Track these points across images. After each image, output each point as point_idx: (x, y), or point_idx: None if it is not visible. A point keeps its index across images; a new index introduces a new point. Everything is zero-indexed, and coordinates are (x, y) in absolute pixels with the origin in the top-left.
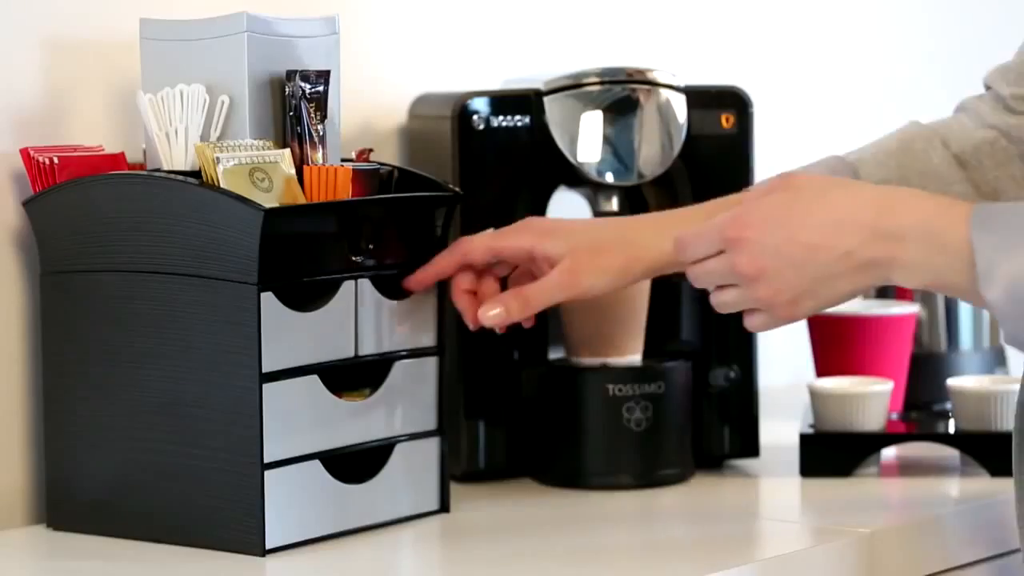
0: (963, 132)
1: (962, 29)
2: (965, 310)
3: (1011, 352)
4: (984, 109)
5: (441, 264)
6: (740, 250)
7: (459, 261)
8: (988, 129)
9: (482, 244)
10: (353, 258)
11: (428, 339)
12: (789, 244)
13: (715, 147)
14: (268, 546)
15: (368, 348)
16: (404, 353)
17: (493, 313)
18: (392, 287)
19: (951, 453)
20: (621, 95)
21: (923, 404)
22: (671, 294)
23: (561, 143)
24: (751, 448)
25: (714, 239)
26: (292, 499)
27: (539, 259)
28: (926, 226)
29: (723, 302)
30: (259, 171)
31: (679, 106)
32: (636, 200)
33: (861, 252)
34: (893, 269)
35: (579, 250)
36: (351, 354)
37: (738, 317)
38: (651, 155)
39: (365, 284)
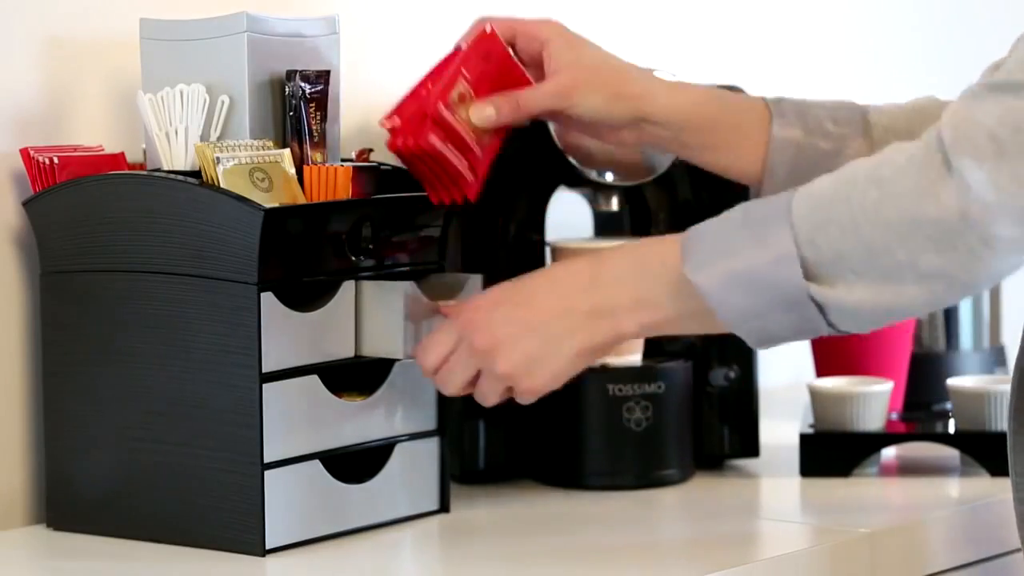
0: None
1: (962, 29)
2: (965, 310)
3: (1011, 352)
4: None
5: (465, 36)
6: (473, 330)
7: (480, 26)
8: None
9: (504, 20)
10: (353, 258)
11: None
12: (516, 311)
13: None
14: (268, 546)
15: None
16: None
17: (486, 113)
18: None
19: (951, 453)
20: None
21: (923, 404)
22: None
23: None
24: (751, 448)
25: (449, 330)
26: (292, 499)
27: (546, 57)
28: (637, 261)
29: (480, 393)
30: (259, 171)
31: None
32: (636, 200)
33: (581, 304)
34: (617, 314)
35: (580, 64)
36: (351, 354)
37: None
38: (651, 155)
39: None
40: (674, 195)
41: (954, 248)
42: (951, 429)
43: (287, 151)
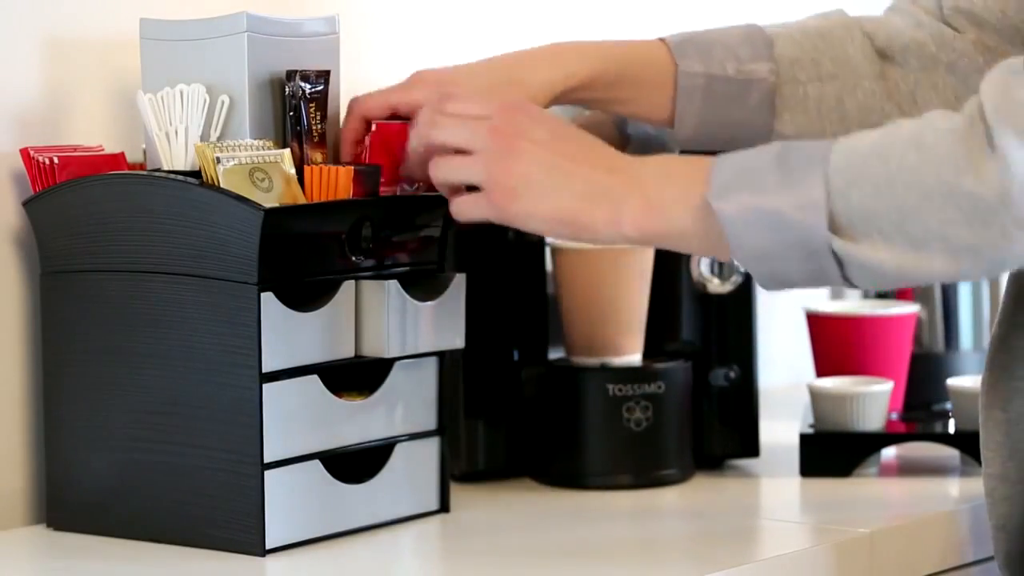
0: (893, 29)
1: None
2: (965, 310)
3: None
4: (918, 13)
5: (348, 132)
6: (506, 121)
7: (360, 120)
8: (919, 30)
9: (379, 100)
10: (353, 258)
11: None
12: (551, 141)
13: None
14: (268, 546)
15: None
16: None
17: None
18: None
19: (951, 453)
20: None
21: (923, 404)
22: (671, 294)
23: None
24: (751, 448)
25: (487, 104)
26: (292, 499)
27: None
28: (665, 169)
29: (453, 166)
30: (259, 171)
31: None
32: None
33: (603, 179)
34: (622, 208)
35: (457, 75)
36: (351, 354)
37: (738, 318)
38: (651, 154)
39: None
40: None
41: (987, 225)
42: (951, 429)
43: (287, 151)
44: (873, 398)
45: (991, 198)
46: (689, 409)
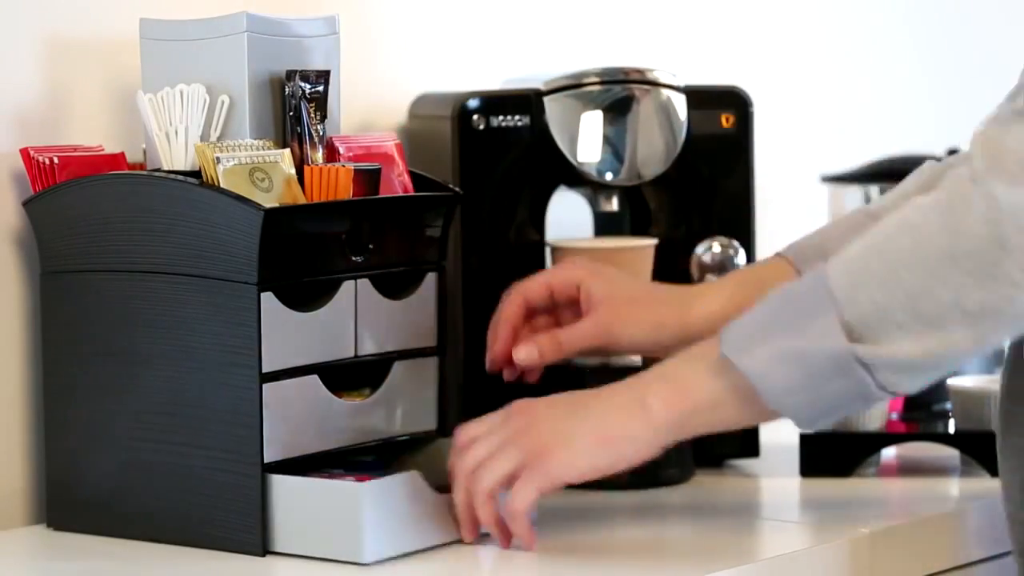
0: None
1: (962, 30)
2: None
3: None
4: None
5: (507, 314)
6: (517, 407)
7: (521, 304)
8: None
9: (538, 281)
10: (353, 258)
11: (428, 339)
12: (565, 397)
13: (715, 147)
14: (268, 547)
15: (368, 348)
16: (404, 353)
17: (526, 351)
18: (392, 287)
19: (951, 453)
20: (621, 95)
21: (923, 404)
22: None
23: (561, 143)
24: (751, 448)
25: (496, 413)
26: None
27: (583, 295)
28: (679, 356)
29: (488, 467)
30: (259, 171)
31: (679, 106)
32: (636, 200)
33: (622, 391)
34: (648, 402)
35: (615, 298)
36: (351, 354)
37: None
38: (651, 155)
39: (365, 284)
40: (674, 195)
41: (994, 279)
42: (951, 429)
43: (287, 151)
44: None
45: (990, 249)
46: None
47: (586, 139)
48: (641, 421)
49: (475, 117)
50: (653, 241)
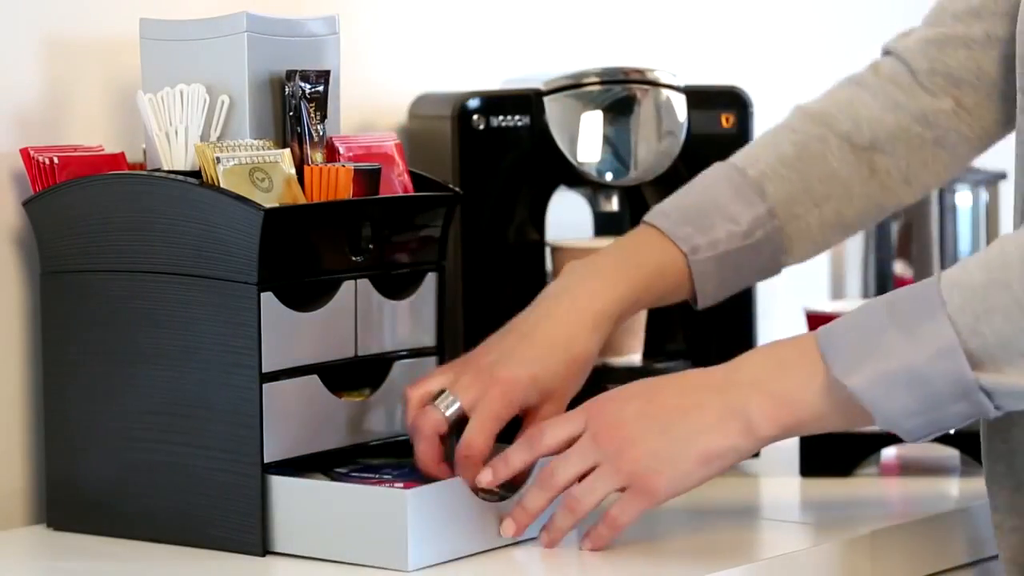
0: (871, 120)
1: None
2: None
3: None
4: (892, 91)
5: (425, 452)
6: (601, 420)
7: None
8: (899, 113)
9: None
10: (353, 258)
11: (428, 339)
12: (648, 406)
13: (715, 147)
14: (268, 547)
15: (368, 348)
16: (404, 353)
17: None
18: (392, 287)
19: (951, 453)
20: (621, 95)
21: None
22: None
23: (561, 143)
24: None
25: (575, 417)
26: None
27: (529, 408)
28: (776, 362)
29: (588, 487)
30: (259, 171)
31: (679, 106)
32: (636, 200)
33: (712, 403)
34: (751, 415)
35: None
36: (351, 354)
37: (738, 317)
38: (651, 155)
39: (365, 284)
40: None
41: None
42: (951, 429)
43: (287, 151)
44: None
45: None
46: None
47: (586, 139)
48: (744, 436)
49: (475, 117)
50: None
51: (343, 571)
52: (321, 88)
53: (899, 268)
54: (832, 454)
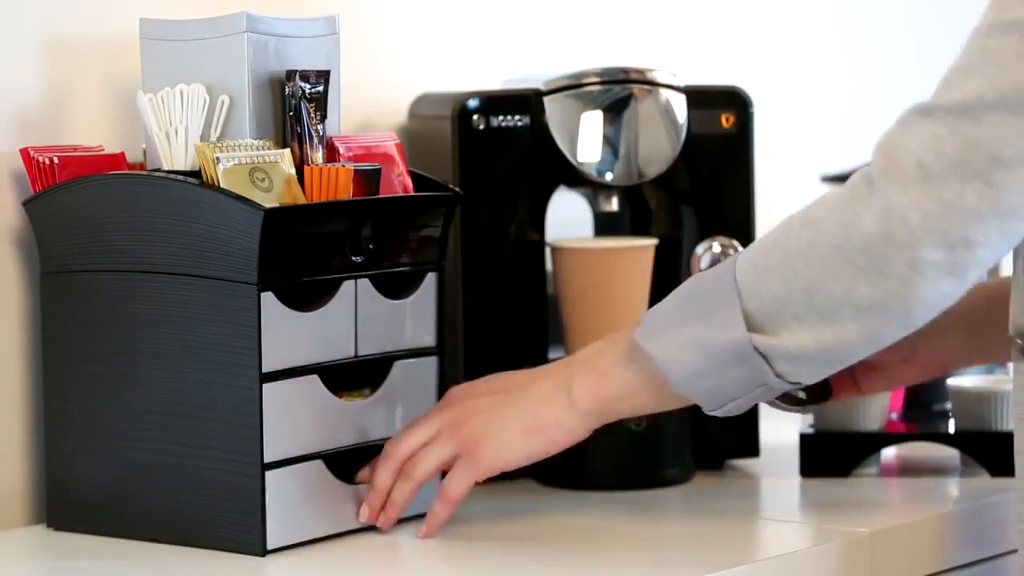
0: None
1: (962, 30)
2: None
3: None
4: None
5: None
6: (452, 394)
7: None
8: None
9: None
10: (353, 258)
11: (428, 339)
12: (496, 383)
13: (715, 147)
14: (268, 546)
15: (368, 348)
16: (404, 353)
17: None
18: (392, 287)
19: (951, 453)
20: (621, 95)
21: (923, 404)
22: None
23: (561, 143)
24: (751, 448)
25: (432, 410)
26: (292, 499)
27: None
28: (609, 337)
29: (423, 454)
30: (259, 171)
31: (679, 106)
32: (636, 200)
33: (550, 378)
34: (574, 380)
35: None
36: (351, 354)
37: None
38: (651, 155)
39: (365, 284)
40: (674, 195)
41: (884, 275)
42: (951, 429)
43: (287, 151)
44: (873, 398)
45: (879, 245)
46: (689, 409)
47: (586, 139)
48: (567, 409)
49: (475, 117)
50: (653, 241)
51: (340, 570)
52: (321, 88)
53: None
54: (832, 454)
